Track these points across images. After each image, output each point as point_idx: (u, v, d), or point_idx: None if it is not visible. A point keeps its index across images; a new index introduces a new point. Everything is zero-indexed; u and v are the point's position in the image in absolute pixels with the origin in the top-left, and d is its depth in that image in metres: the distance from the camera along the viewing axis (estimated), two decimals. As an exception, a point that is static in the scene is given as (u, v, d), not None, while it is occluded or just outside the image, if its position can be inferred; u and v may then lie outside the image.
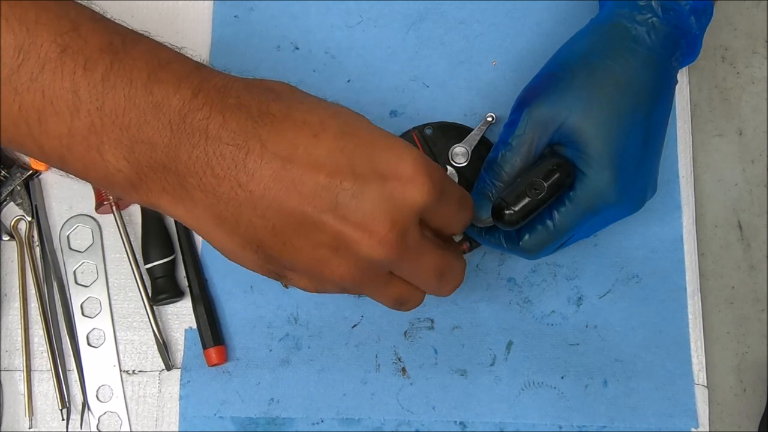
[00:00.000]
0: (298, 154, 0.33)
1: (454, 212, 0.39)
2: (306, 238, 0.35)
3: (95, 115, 0.33)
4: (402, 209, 0.35)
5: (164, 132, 0.33)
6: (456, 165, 0.53)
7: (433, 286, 0.40)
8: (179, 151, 0.33)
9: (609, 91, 0.46)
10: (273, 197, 0.33)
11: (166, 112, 0.33)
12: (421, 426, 0.51)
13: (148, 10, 0.56)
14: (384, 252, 0.35)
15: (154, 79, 0.33)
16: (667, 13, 0.46)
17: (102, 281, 0.53)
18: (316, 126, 0.34)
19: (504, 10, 0.57)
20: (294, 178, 0.33)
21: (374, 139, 0.35)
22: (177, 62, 0.35)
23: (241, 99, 0.34)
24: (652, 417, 0.52)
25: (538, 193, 0.44)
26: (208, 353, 0.51)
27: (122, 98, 0.33)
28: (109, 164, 0.34)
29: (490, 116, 0.53)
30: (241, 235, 0.35)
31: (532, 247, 0.47)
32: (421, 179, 0.35)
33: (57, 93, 0.32)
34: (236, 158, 0.33)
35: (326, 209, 0.34)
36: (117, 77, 0.33)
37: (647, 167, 0.48)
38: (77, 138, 0.33)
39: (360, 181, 0.34)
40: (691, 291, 0.53)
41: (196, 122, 0.33)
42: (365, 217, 0.34)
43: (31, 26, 0.32)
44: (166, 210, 0.36)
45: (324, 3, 0.56)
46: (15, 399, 0.51)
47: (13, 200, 0.53)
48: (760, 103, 0.57)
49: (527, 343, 0.52)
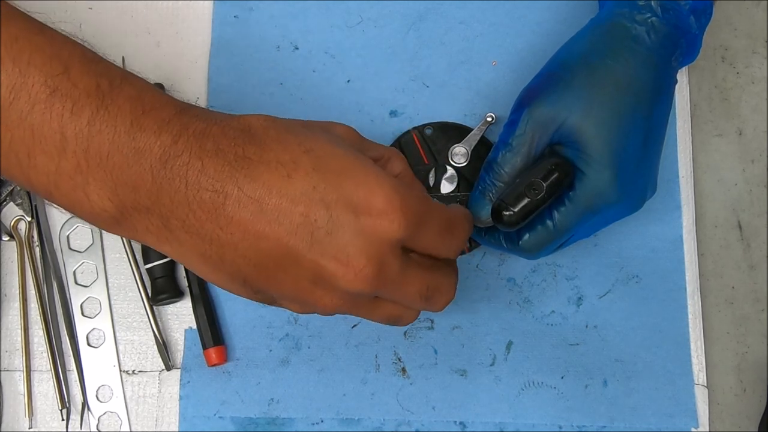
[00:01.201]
0: (272, 195, 0.35)
1: (439, 239, 0.39)
2: (287, 273, 0.36)
3: (81, 156, 0.34)
4: (376, 243, 0.35)
5: (146, 177, 0.34)
6: (456, 165, 0.53)
7: (420, 306, 0.41)
8: (161, 195, 0.35)
9: (609, 90, 0.46)
10: (252, 237, 0.35)
11: (148, 158, 0.34)
12: (421, 426, 0.51)
13: (148, 10, 0.56)
14: (362, 285, 0.36)
15: (136, 126, 0.34)
16: (666, 12, 0.46)
17: (102, 281, 0.53)
18: (289, 165, 0.35)
19: (504, 10, 0.57)
20: (270, 218, 0.35)
21: (347, 173, 0.36)
22: (159, 107, 0.36)
23: (219, 144, 0.35)
24: (652, 417, 0.52)
25: (537, 193, 0.44)
26: (208, 353, 0.51)
27: (107, 143, 0.34)
28: (94, 204, 0.35)
29: (489, 116, 0.53)
30: (226, 272, 0.37)
31: (532, 247, 0.47)
32: (393, 213, 0.35)
33: (45, 133, 0.34)
34: (215, 203, 0.34)
35: (303, 246, 0.35)
36: (102, 122, 0.34)
37: (647, 167, 0.48)
38: (64, 176, 0.34)
39: (333, 217, 0.35)
40: (691, 291, 0.53)
41: (176, 168, 0.35)
42: (340, 252, 0.35)
43: (23, 67, 0.34)
44: (154, 246, 0.37)
45: (324, 3, 0.56)
46: (15, 399, 0.51)
47: (13, 200, 0.53)
48: (760, 103, 0.57)
49: (527, 343, 0.52)
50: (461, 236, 0.41)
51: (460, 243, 0.41)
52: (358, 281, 0.36)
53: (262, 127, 0.37)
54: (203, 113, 0.37)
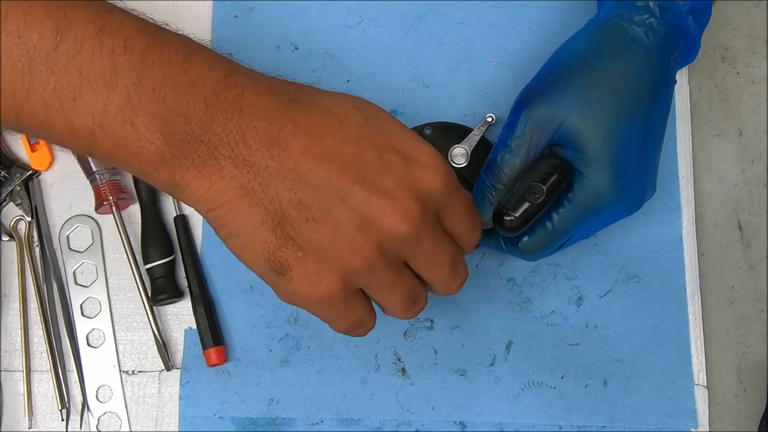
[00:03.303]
0: (326, 135, 0.36)
1: (464, 220, 0.40)
2: (331, 213, 0.35)
3: (132, 89, 0.34)
4: (424, 190, 0.37)
5: (199, 106, 0.35)
6: (455, 165, 0.53)
7: (446, 275, 0.40)
8: (213, 123, 0.35)
9: (608, 91, 0.46)
10: (303, 170, 0.35)
11: (201, 89, 0.35)
12: (421, 426, 0.51)
13: (148, 9, 0.55)
14: (408, 225, 0.36)
15: (189, 61, 0.35)
16: (665, 13, 0.46)
17: (102, 281, 0.53)
18: (341, 115, 0.37)
19: (504, 10, 0.57)
20: (323, 154, 0.35)
21: (395, 130, 0.38)
22: (208, 50, 0.37)
23: (272, 86, 0.37)
24: (652, 417, 0.52)
25: (537, 197, 0.44)
26: (207, 353, 0.51)
27: (159, 75, 0.34)
28: (141, 137, 0.35)
29: (489, 117, 0.53)
30: (265, 207, 0.35)
31: (532, 248, 0.47)
32: (438, 169, 0.37)
33: (95, 70, 0.34)
34: (269, 132, 0.35)
35: (354, 182, 0.35)
36: (155, 56, 0.35)
37: (646, 167, 0.48)
38: (111, 113, 0.34)
39: (385, 159, 0.36)
40: (691, 291, 0.53)
41: (230, 99, 0.35)
42: (391, 190, 0.36)
43: (68, 10, 0.34)
44: (188, 186, 0.36)
45: (324, 3, 0.56)
46: (15, 399, 0.51)
47: (13, 200, 0.53)
48: (760, 103, 0.57)
49: (527, 343, 0.52)
50: (478, 228, 0.41)
51: (476, 235, 0.41)
52: (405, 220, 0.35)
53: (310, 86, 0.38)
54: (244, 68, 0.38)
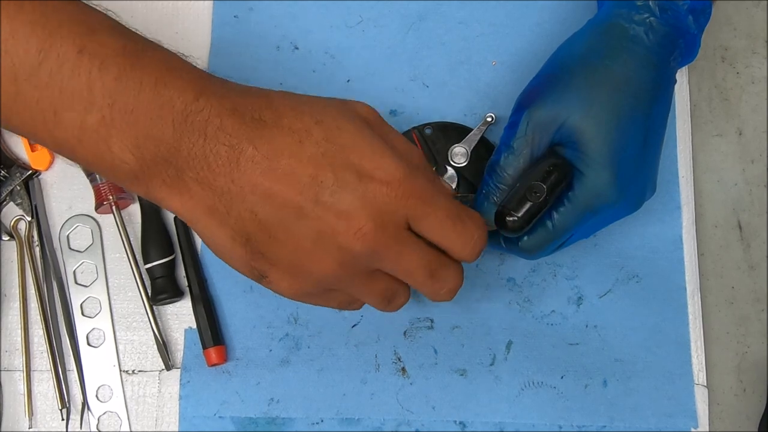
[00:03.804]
0: (284, 156, 0.37)
1: (447, 228, 0.40)
2: (290, 232, 0.38)
3: (106, 110, 0.36)
4: (377, 206, 0.37)
5: (167, 129, 0.37)
6: (456, 165, 0.53)
7: (421, 283, 0.41)
8: (180, 148, 0.37)
9: (608, 90, 0.46)
10: (261, 192, 0.37)
11: (170, 112, 0.37)
12: (421, 426, 0.51)
13: (148, 10, 0.56)
14: (361, 243, 0.37)
15: (161, 83, 0.37)
16: (664, 12, 0.46)
17: (102, 281, 0.53)
18: (301, 133, 0.38)
19: (504, 10, 0.57)
20: (281, 175, 0.37)
21: (355, 145, 0.38)
22: (183, 70, 0.38)
23: (237, 105, 0.38)
24: (652, 417, 0.52)
25: (539, 196, 0.44)
26: (208, 353, 0.51)
27: (132, 98, 0.36)
28: (115, 156, 0.37)
29: (489, 116, 0.53)
30: (231, 227, 0.38)
31: (532, 247, 0.47)
32: (395, 183, 0.38)
33: (73, 89, 0.36)
34: (230, 157, 0.37)
35: (308, 203, 0.37)
36: (129, 79, 0.36)
37: (646, 167, 0.48)
38: (88, 131, 0.36)
39: (339, 179, 0.37)
40: (691, 291, 0.53)
41: (196, 123, 0.37)
42: (344, 209, 0.37)
43: (53, 29, 0.36)
44: (163, 201, 0.39)
45: (324, 3, 0.56)
46: (15, 399, 0.51)
47: (13, 200, 0.53)
48: (760, 103, 0.57)
49: (527, 342, 0.52)
50: (472, 233, 0.41)
51: (471, 240, 0.41)
52: (357, 238, 0.37)
53: (279, 97, 0.39)
54: (224, 81, 0.40)
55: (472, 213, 0.42)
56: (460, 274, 0.42)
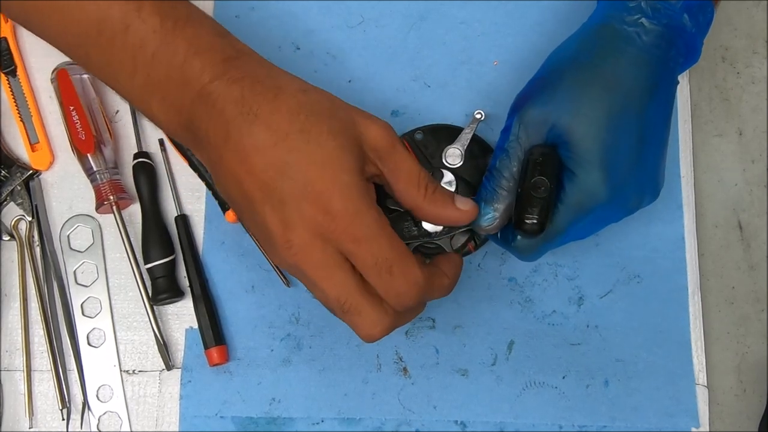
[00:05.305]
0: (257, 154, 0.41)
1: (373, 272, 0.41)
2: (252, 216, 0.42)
3: (146, 80, 0.43)
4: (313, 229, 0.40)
5: (186, 102, 0.42)
6: (451, 166, 0.52)
7: (337, 312, 0.42)
8: (193, 120, 0.42)
9: (597, 90, 0.45)
10: (235, 178, 0.41)
11: (190, 90, 0.42)
12: (422, 426, 0.51)
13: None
14: (287, 254, 0.41)
15: (187, 64, 0.42)
16: (657, 12, 0.46)
17: (102, 281, 0.53)
18: (280, 134, 0.40)
19: (505, 10, 0.57)
20: (248, 170, 0.41)
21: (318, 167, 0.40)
22: (210, 51, 0.43)
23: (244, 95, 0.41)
24: (653, 417, 0.52)
25: (544, 190, 0.44)
26: (209, 353, 0.51)
27: (163, 72, 0.42)
28: (155, 115, 0.44)
29: (478, 113, 0.53)
30: (222, 190, 0.44)
31: (525, 247, 0.47)
32: (330, 216, 0.40)
33: (123, 58, 0.43)
34: (217, 142, 0.42)
35: (260, 201, 0.41)
36: (162, 56, 0.42)
37: (643, 168, 0.47)
38: (136, 91, 0.44)
39: (287, 192, 0.40)
40: (692, 291, 0.54)
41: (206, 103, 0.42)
42: (283, 219, 0.40)
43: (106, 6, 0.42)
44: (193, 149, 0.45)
45: (325, 3, 0.56)
46: (15, 399, 0.51)
47: (13, 200, 0.53)
48: (760, 103, 0.57)
49: (528, 342, 0.52)
50: (397, 288, 0.41)
51: (392, 292, 0.41)
52: (285, 249, 0.41)
53: (290, 93, 0.42)
54: (248, 64, 0.43)
55: (408, 269, 0.41)
56: (379, 320, 0.42)
